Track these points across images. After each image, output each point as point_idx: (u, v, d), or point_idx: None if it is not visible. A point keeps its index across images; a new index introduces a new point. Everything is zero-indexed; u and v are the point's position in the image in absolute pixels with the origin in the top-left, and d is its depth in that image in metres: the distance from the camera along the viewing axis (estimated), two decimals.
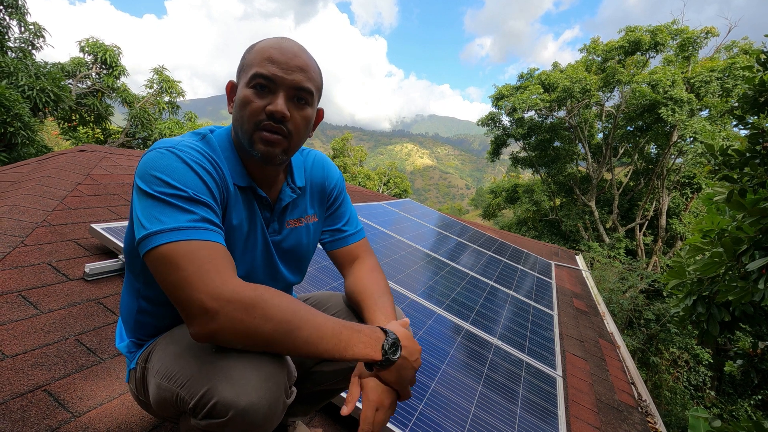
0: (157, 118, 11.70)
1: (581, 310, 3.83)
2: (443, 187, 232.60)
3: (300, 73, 0.81)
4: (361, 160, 28.96)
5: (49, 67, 8.92)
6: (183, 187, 0.72)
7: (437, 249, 3.91)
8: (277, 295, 0.71)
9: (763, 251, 1.70)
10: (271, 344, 0.69)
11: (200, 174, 0.75)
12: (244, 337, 0.68)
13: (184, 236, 0.68)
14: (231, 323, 0.66)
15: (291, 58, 0.80)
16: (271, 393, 0.69)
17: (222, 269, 0.68)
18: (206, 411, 0.67)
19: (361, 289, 0.98)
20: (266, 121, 0.80)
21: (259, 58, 0.80)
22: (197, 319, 0.66)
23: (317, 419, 1.40)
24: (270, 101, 0.80)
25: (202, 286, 0.65)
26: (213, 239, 0.71)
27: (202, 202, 0.73)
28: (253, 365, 0.69)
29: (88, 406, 1.12)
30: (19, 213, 1.96)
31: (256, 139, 0.81)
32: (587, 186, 16.95)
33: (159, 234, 0.68)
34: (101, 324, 1.47)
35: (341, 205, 1.08)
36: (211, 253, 0.69)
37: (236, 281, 0.68)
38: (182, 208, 0.70)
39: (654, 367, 8.66)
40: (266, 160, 0.82)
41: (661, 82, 12.75)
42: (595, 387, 2.37)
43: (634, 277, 10.29)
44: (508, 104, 16.25)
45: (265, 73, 0.79)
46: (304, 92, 0.82)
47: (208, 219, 0.72)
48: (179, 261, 0.66)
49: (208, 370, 0.68)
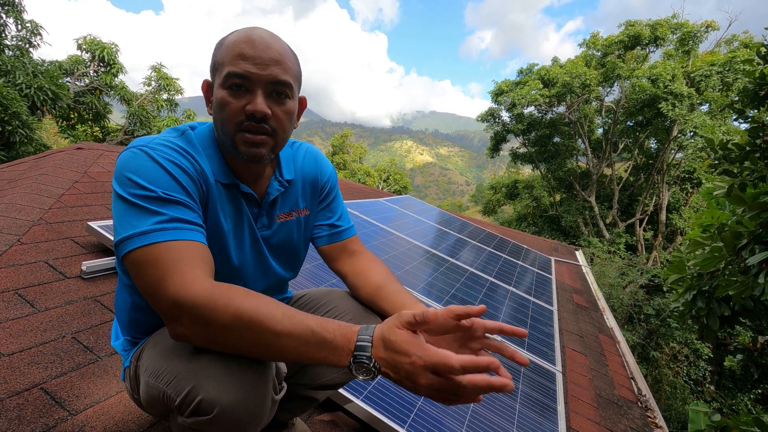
0: (156, 115, 11.67)
1: (581, 306, 3.83)
2: (443, 183, 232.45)
3: (276, 66, 0.77)
4: (361, 157, 28.93)
5: (46, 65, 8.91)
6: (152, 186, 0.70)
7: (437, 245, 3.91)
8: (237, 299, 0.66)
9: (763, 245, 1.70)
10: (236, 350, 0.68)
11: (171, 171, 0.73)
12: (211, 343, 0.67)
13: (150, 239, 0.67)
14: (193, 329, 0.66)
15: (263, 50, 0.76)
16: (257, 389, 0.68)
17: (186, 271, 0.66)
18: (192, 408, 0.66)
19: (383, 277, 0.99)
20: (247, 122, 0.77)
21: (230, 56, 0.76)
22: (168, 322, 0.67)
23: (316, 416, 1.39)
24: (248, 101, 0.76)
25: (166, 290, 0.65)
26: (184, 237, 0.70)
27: (173, 200, 0.71)
28: (238, 362, 0.68)
29: (85, 404, 1.12)
30: (16, 211, 1.95)
31: (239, 141, 0.78)
32: (587, 181, 16.93)
33: (129, 239, 0.68)
34: (98, 322, 1.46)
35: (334, 200, 1.07)
36: (176, 254, 0.67)
37: (199, 284, 0.66)
38: (150, 210, 0.69)
39: (654, 362, 8.68)
40: (253, 161, 0.81)
41: (661, 76, 12.70)
42: (594, 382, 2.37)
43: (634, 272, 10.30)
44: (507, 100, 16.19)
45: (239, 72, 0.75)
46: (282, 86, 0.78)
47: (178, 218, 0.71)
48: (146, 266, 0.66)
49: (193, 367, 0.68)
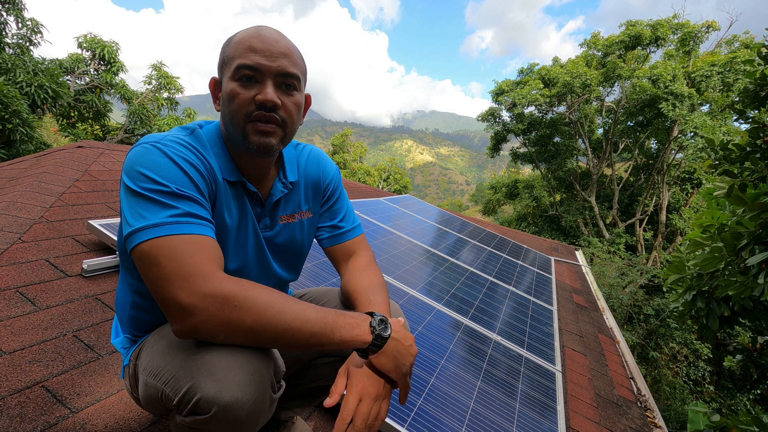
0: (156, 114, 11.66)
1: (581, 306, 3.83)
2: (443, 183, 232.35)
3: (284, 59, 0.80)
4: (361, 157, 28.91)
5: (47, 64, 8.89)
6: (166, 182, 0.71)
7: (437, 245, 3.91)
8: (257, 287, 0.70)
9: (763, 246, 1.70)
10: (253, 336, 0.68)
11: (184, 168, 0.74)
12: (225, 331, 0.67)
13: (165, 232, 0.68)
14: (210, 318, 0.66)
15: (273, 44, 0.79)
16: (256, 388, 0.68)
17: (202, 264, 0.67)
18: (190, 408, 0.66)
19: (353, 287, 0.96)
20: (257, 111, 0.79)
21: (240, 50, 0.78)
22: (176, 316, 0.66)
23: (315, 415, 1.40)
24: (258, 91, 0.78)
25: (180, 283, 0.65)
26: (197, 232, 0.71)
27: (185, 196, 0.72)
28: (236, 360, 0.68)
29: (86, 402, 1.12)
30: (17, 209, 1.95)
31: (250, 131, 0.80)
32: (587, 181, 16.92)
33: (142, 231, 0.68)
34: (99, 320, 1.47)
35: (337, 201, 1.07)
36: (192, 248, 0.68)
37: (216, 276, 0.68)
38: (164, 203, 0.70)
39: (653, 362, 8.68)
40: (262, 151, 0.81)
41: (662, 76, 12.69)
42: (594, 382, 2.37)
43: (634, 272, 10.30)
44: (508, 99, 16.19)
45: (250, 63, 0.77)
46: (291, 78, 0.81)
47: (191, 213, 0.72)
48: (159, 258, 0.66)
49: (191, 366, 0.68)
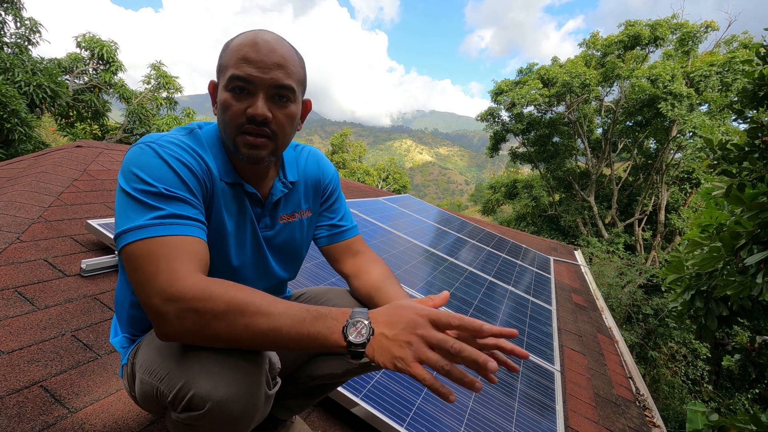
0: (155, 114, 11.64)
1: (580, 305, 3.84)
2: (442, 182, 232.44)
3: (278, 71, 0.77)
4: (360, 156, 28.91)
5: (45, 63, 8.88)
6: (155, 182, 0.71)
7: (436, 244, 3.91)
8: (230, 289, 0.66)
9: (761, 246, 1.70)
10: (229, 342, 0.66)
11: (175, 168, 0.74)
12: (200, 338, 0.66)
13: (146, 234, 0.67)
14: (182, 325, 0.64)
15: (267, 55, 0.77)
16: (250, 384, 0.68)
17: (177, 266, 0.65)
18: (184, 404, 0.67)
19: (372, 283, 0.99)
20: (247, 125, 0.78)
21: (234, 59, 0.77)
22: (154, 320, 0.65)
23: (315, 414, 1.40)
24: (250, 104, 0.77)
25: (155, 286, 0.64)
26: (180, 233, 0.70)
27: (173, 196, 0.72)
28: (230, 357, 0.68)
29: (85, 402, 1.12)
30: (15, 209, 1.95)
31: (240, 144, 0.79)
32: (586, 181, 16.94)
33: (127, 233, 0.68)
34: (98, 320, 1.46)
35: (336, 201, 1.08)
36: (170, 250, 0.67)
37: (189, 279, 0.65)
38: (149, 205, 0.69)
39: (652, 362, 8.69)
40: (252, 162, 0.81)
41: (661, 76, 12.71)
42: (593, 381, 2.38)
43: (633, 272, 10.31)
44: (507, 99, 16.20)
45: (242, 75, 0.75)
46: (284, 89, 0.79)
47: (176, 214, 0.71)
48: (138, 261, 0.66)
49: (185, 363, 0.68)
